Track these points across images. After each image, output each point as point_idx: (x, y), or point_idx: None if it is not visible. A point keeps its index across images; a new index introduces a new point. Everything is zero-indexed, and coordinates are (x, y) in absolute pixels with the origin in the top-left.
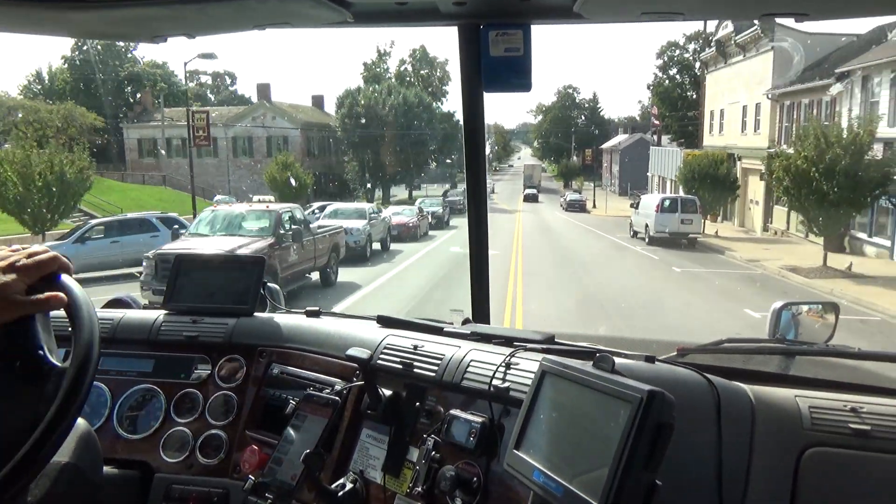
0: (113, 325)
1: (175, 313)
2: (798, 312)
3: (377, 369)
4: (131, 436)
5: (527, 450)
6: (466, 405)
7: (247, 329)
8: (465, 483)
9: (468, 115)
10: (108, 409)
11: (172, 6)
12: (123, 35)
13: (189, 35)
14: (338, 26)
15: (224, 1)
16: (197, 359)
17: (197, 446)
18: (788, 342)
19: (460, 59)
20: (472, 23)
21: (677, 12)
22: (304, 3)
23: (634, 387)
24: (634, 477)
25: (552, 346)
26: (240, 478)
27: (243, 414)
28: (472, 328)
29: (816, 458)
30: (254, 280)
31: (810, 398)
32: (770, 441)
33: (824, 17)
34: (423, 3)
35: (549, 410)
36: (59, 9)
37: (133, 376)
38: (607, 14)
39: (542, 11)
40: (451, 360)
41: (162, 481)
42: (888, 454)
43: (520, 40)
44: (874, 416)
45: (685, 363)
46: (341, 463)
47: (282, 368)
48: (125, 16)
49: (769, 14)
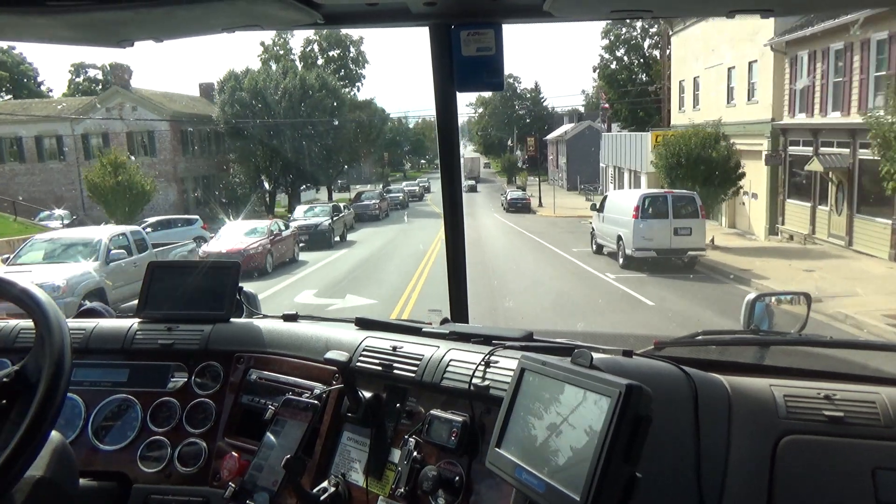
0: (86, 335)
1: (149, 321)
2: (771, 303)
3: (356, 372)
4: (107, 447)
5: (508, 447)
6: (447, 405)
7: (223, 335)
8: (448, 483)
9: (441, 115)
10: (83, 420)
11: (139, 10)
12: (89, 40)
13: (157, 39)
14: (308, 28)
15: (192, 4)
16: (173, 367)
17: (175, 455)
18: (762, 333)
19: (432, 60)
20: (443, 23)
21: (646, 10)
22: (273, 5)
23: (613, 381)
24: (614, 470)
25: (531, 344)
26: (220, 485)
27: (222, 421)
28: (451, 328)
29: (792, 445)
30: (229, 285)
31: (785, 387)
32: (747, 430)
33: (789, 13)
34: (394, 4)
35: (529, 407)
36: (22, 14)
37: (108, 386)
38: (577, 13)
39: (512, 11)
40: (430, 361)
41: (140, 492)
42: (861, 440)
43: (491, 40)
44: (847, 402)
45: (662, 356)
46: (323, 467)
47: (260, 374)
48: (91, 20)
49: (736, 11)
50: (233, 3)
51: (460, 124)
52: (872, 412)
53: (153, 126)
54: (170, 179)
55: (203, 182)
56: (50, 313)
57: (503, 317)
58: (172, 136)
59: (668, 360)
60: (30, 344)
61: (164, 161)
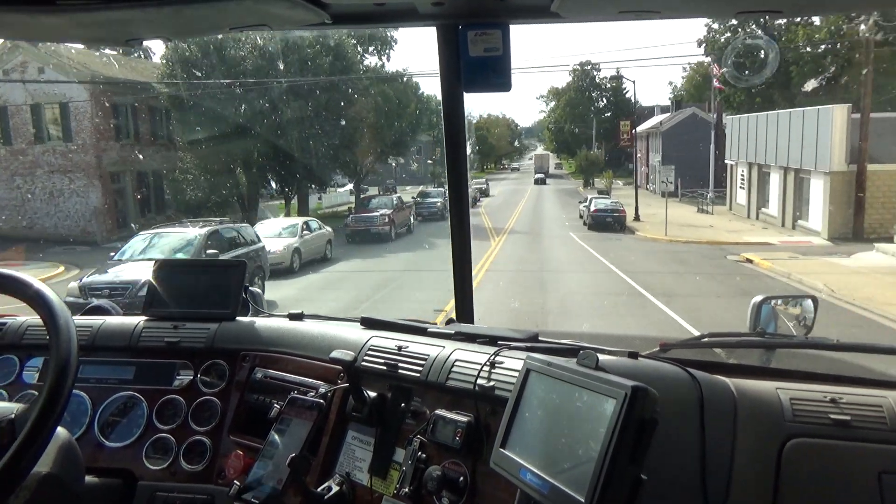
0: (92, 333)
1: (156, 319)
2: (778, 306)
3: (361, 371)
4: (113, 444)
5: (513, 448)
6: (452, 405)
7: (229, 334)
8: (452, 483)
9: (448, 114)
10: (89, 417)
11: (147, 9)
12: (98, 39)
13: (165, 38)
14: (316, 28)
15: (200, 3)
16: (179, 365)
17: (180, 453)
18: (769, 335)
19: (439, 60)
20: (451, 23)
21: (654, 10)
22: (282, 4)
23: (618, 383)
24: (620, 472)
25: (536, 344)
26: (225, 483)
27: (227, 419)
28: (456, 328)
29: (798, 449)
30: (235, 284)
31: (791, 390)
32: (752, 433)
33: (797, 14)
34: (402, 4)
35: (535, 408)
36: (32, 13)
37: (114, 384)
38: (584, 13)
39: (519, 11)
40: (435, 361)
41: (145, 489)
42: (868, 443)
43: (498, 40)
44: (854, 406)
45: (668, 358)
46: (327, 466)
47: (265, 372)
48: (99, 19)
49: (744, 13)
50: (240, 3)
51: (530, 125)
52: (879, 416)
53: (69, 92)
54: (91, 175)
55: (150, 180)
56: (58, 311)
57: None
58: (95, 111)
59: (673, 362)
60: (37, 341)
61: (84, 148)
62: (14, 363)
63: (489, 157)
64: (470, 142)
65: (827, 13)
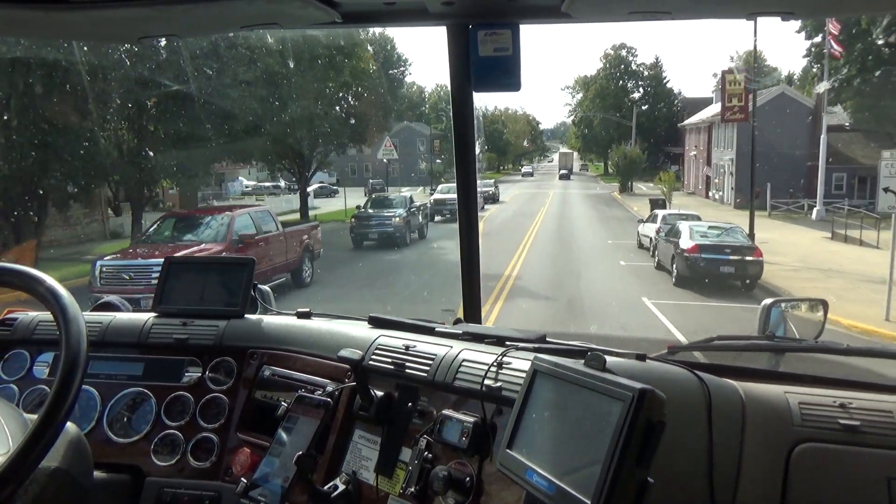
0: (102, 329)
1: (165, 316)
2: (787, 309)
3: (369, 370)
4: (122, 439)
5: (519, 449)
6: (459, 405)
7: (237, 331)
8: (458, 483)
9: (458, 114)
10: (98, 412)
11: (159, 7)
12: (110, 36)
13: (175, 36)
14: (326, 27)
15: (211, 1)
16: (187, 361)
17: (188, 449)
18: (778, 339)
19: (449, 59)
20: (461, 23)
21: (665, 11)
22: (292, 3)
23: (626, 385)
24: (626, 474)
25: (544, 346)
26: (232, 480)
27: (234, 416)
28: (464, 328)
29: (806, 453)
30: (244, 282)
31: (800, 394)
32: (760, 437)
33: (809, 15)
34: (412, 3)
35: (542, 409)
36: (45, 10)
37: (123, 380)
38: (595, 14)
39: (529, 11)
40: (442, 360)
41: (153, 485)
42: (877, 449)
43: (508, 40)
44: (863, 411)
45: (676, 361)
46: (334, 464)
47: (273, 370)
48: (111, 17)
49: (756, 13)
50: (251, 2)
51: (553, 126)
52: (888, 421)
53: None
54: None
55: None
56: (68, 306)
57: None
58: None
59: (681, 365)
60: (47, 336)
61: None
62: (25, 358)
63: (505, 155)
64: (479, 140)
65: (841, 15)
